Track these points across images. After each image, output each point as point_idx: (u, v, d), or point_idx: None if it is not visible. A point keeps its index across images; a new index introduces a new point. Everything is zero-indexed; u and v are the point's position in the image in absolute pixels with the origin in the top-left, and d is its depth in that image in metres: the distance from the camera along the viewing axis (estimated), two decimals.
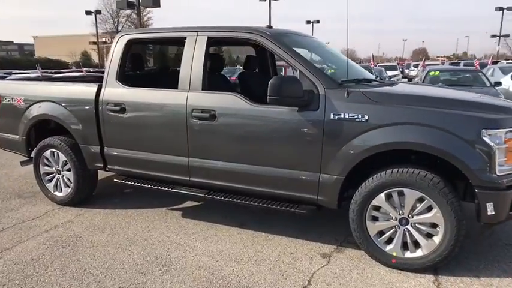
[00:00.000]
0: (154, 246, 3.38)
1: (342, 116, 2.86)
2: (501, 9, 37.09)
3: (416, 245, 2.86)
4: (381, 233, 2.96)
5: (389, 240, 2.94)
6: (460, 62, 27.31)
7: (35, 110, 4.24)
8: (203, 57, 3.41)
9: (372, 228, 2.95)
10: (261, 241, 3.44)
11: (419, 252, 2.85)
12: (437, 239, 2.77)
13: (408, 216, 2.84)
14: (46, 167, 4.42)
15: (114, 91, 3.78)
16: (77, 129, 4.01)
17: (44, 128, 4.40)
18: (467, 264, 2.97)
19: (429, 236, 2.82)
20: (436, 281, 2.78)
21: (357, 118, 2.82)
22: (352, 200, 2.96)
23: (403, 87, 3.68)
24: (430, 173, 2.72)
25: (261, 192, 3.31)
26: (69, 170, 4.24)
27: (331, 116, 2.89)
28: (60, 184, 4.37)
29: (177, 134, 3.49)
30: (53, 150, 4.27)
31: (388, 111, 2.79)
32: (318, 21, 39.11)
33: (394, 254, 2.91)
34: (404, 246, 2.90)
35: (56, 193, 4.40)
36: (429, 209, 2.76)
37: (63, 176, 4.33)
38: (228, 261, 3.09)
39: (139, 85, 3.80)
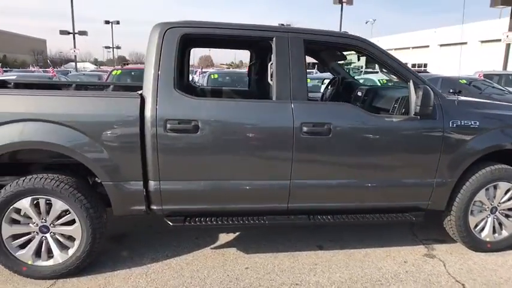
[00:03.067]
0: None
1: (459, 123, 3.08)
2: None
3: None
4: (475, 224, 3.34)
5: (482, 229, 3.37)
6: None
7: (5, 136, 2.60)
8: (303, 63, 2.95)
9: (472, 221, 3.30)
10: (362, 258, 3.28)
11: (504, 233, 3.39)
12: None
13: None
14: (16, 226, 2.77)
15: (176, 104, 2.76)
16: (100, 160, 2.71)
17: None
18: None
19: None
20: None
21: (471, 124, 3.10)
22: (459, 199, 3.23)
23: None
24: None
25: (369, 206, 3.17)
26: (69, 223, 2.81)
27: (450, 124, 3.06)
28: (46, 248, 2.83)
29: (278, 153, 2.88)
30: (39, 197, 2.73)
31: (490, 117, 3.19)
32: (118, 22, 36.70)
33: (488, 239, 3.36)
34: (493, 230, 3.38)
35: (40, 263, 2.83)
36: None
37: (53, 234, 2.82)
38: (374, 285, 2.84)
39: (198, 95, 2.92)
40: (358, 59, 3.77)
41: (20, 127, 2.60)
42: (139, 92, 2.85)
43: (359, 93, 4.06)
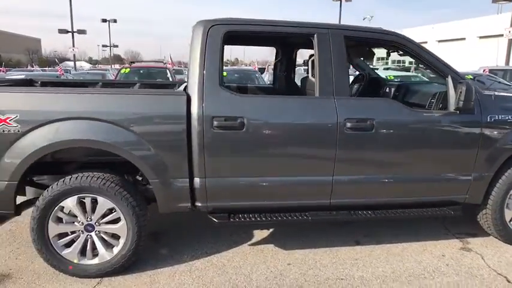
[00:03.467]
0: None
1: (497, 117, 3.10)
2: None
3: None
4: (511, 218, 3.38)
5: None
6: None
7: (50, 135, 2.59)
8: (345, 59, 2.96)
9: (508, 215, 3.34)
10: (400, 252, 3.31)
11: None
12: None
13: None
14: (62, 225, 2.77)
15: (222, 101, 2.76)
16: (147, 158, 2.71)
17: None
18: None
19: None
20: None
21: (509, 119, 3.13)
22: (495, 193, 3.26)
23: None
24: None
25: (408, 201, 3.20)
26: (115, 221, 2.80)
27: (488, 118, 3.09)
28: (91, 247, 2.83)
29: (322, 149, 2.90)
30: (85, 195, 2.72)
31: None
32: (115, 21, 36.47)
33: None
34: None
35: (85, 261, 2.82)
36: None
37: (98, 233, 2.82)
38: (417, 279, 2.87)
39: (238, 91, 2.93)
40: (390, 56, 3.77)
41: (69, 125, 2.60)
42: (183, 86, 2.84)
43: (387, 90, 4.08)
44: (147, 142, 2.68)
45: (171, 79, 10.05)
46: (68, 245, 2.81)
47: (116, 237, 2.85)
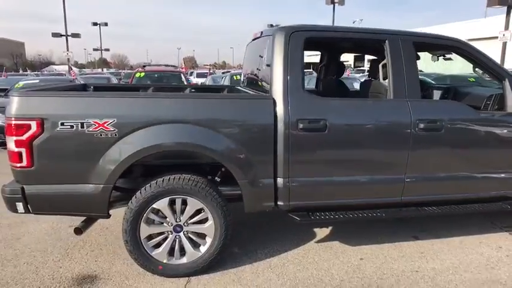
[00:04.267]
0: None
1: None
2: None
3: None
4: None
5: None
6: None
7: (146, 139, 2.68)
8: (415, 63, 3.14)
9: None
10: (459, 245, 3.50)
11: None
12: None
13: None
14: (153, 226, 2.86)
15: (305, 104, 2.90)
16: (237, 159, 2.82)
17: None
18: None
19: None
20: None
21: None
22: None
23: None
24: None
25: (468, 197, 3.38)
26: (202, 221, 2.91)
27: None
28: (179, 247, 2.93)
29: (396, 149, 3.07)
30: (176, 197, 2.82)
31: None
32: (106, 24, 36.15)
33: None
34: None
35: (173, 261, 2.92)
36: None
37: (186, 232, 2.92)
38: (486, 268, 3.06)
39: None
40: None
41: (164, 129, 2.69)
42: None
43: (431, 92, 4.29)
44: (237, 144, 2.80)
45: (185, 83, 10.13)
46: (157, 245, 2.90)
47: (201, 236, 2.95)
